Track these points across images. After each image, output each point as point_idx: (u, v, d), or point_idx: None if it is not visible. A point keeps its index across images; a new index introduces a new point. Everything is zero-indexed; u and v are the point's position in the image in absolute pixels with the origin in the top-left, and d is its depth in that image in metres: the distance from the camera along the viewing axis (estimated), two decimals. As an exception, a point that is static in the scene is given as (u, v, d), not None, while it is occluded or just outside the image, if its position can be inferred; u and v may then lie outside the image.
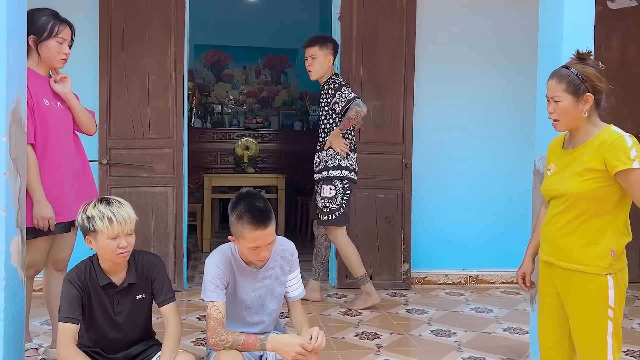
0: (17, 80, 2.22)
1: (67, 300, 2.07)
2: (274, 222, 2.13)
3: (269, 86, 8.18)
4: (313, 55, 3.59)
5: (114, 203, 2.07)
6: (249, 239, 2.08)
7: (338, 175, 3.57)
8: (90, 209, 2.06)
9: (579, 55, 2.12)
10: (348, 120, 3.47)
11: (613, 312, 2.05)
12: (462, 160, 4.25)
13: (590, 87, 2.04)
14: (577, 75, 2.06)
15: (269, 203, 2.16)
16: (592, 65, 2.07)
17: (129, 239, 2.07)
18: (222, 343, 2.08)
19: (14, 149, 2.19)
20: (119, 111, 3.79)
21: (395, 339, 2.99)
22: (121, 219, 2.03)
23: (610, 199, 2.02)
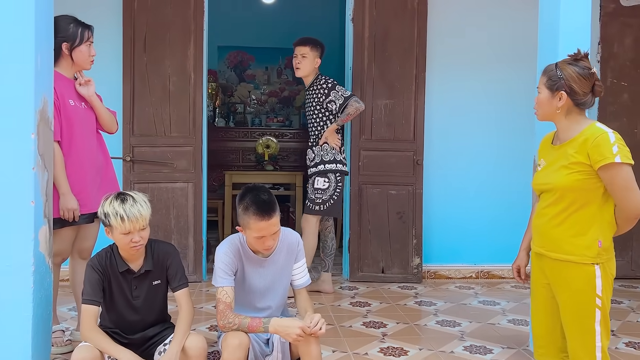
0: (44, 83, 2.42)
1: (89, 284, 2.26)
2: (278, 214, 2.27)
3: (290, 86, 8.34)
4: (303, 54, 3.82)
5: (128, 200, 2.21)
6: (255, 229, 2.24)
7: (333, 169, 3.79)
8: (106, 206, 2.22)
9: (574, 55, 2.22)
10: (347, 116, 3.71)
11: (601, 301, 2.14)
12: (473, 157, 4.34)
13: (567, 86, 2.13)
14: (557, 73, 2.16)
15: (274, 196, 2.31)
16: (579, 67, 2.16)
17: (142, 234, 2.22)
18: (230, 325, 2.24)
19: (42, 145, 2.39)
20: (142, 111, 3.99)
21: (401, 328, 3.11)
22: (132, 217, 2.17)
23: (595, 191, 2.12)
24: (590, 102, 2.20)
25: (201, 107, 4.07)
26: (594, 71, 2.17)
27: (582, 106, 2.19)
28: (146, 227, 2.26)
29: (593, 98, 2.21)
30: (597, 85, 2.18)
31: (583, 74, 2.15)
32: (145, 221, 2.24)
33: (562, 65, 2.20)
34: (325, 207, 3.79)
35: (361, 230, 4.21)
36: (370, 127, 4.21)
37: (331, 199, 3.79)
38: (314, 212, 3.83)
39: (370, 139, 4.22)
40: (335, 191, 3.79)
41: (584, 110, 2.22)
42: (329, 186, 3.79)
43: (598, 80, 2.18)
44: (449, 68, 4.33)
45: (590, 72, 2.16)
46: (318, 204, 3.79)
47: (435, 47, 4.27)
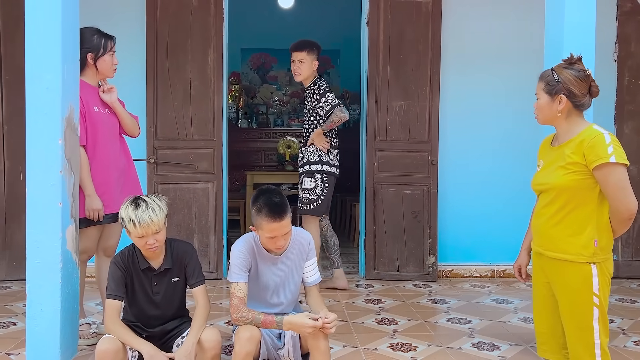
0: (71, 91, 2.59)
1: (113, 280, 2.40)
2: (290, 215, 2.39)
3: (311, 87, 8.46)
4: (301, 60, 3.88)
5: (141, 206, 2.30)
6: (267, 230, 2.36)
7: (319, 170, 3.89)
8: (122, 210, 2.34)
9: (568, 59, 2.29)
10: (331, 123, 3.80)
11: (598, 299, 2.20)
12: (488, 157, 4.38)
13: (565, 89, 2.20)
14: (555, 78, 2.23)
15: (286, 198, 2.42)
16: (575, 70, 2.22)
17: (156, 237, 2.33)
18: (243, 319, 2.36)
19: (69, 150, 2.56)
20: (164, 114, 4.16)
21: (412, 325, 3.20)
22: (144, 223, 2.27)
23: (591, 191, 2.18)
24: (588, 103, 2.27)
25: (221, 110, 4.22)
26: (589, 73, 2.23)
27: (581, 108, 2.25)
28: (161, 230, 2.34)
29: (590, 99, 2.27)
30: (593, 86, 2.24)
31: (580, 77, 2.22)
32: (158, 225, 2.32)
33: (557, 69, 2.27)
34: (312, 207, 3.88)
35: (377, 229, 4.30)
36: (386, 128, 4.30)
37: (319, 199, 3.88)
38: (302, 212, 3.93)
39: (385, 139, 4.30)
40: (322, 191, 3.89)
41: (581, 112, 2.28)
42: (315, 186, 3.88)
43: (593, 81, 2.25)
44: (464, 69, 4.38)
45: (585, 74, 2.23)
46: (306, 203, 3.91)
47: (449, 48, 4.33)
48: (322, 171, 3.90)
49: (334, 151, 3.96)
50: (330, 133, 3.94)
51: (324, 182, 3.91)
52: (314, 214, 3.91)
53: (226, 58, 4.29)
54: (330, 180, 3.93)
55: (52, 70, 2.46)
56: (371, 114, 4.29)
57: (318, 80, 3.95)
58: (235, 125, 7.83)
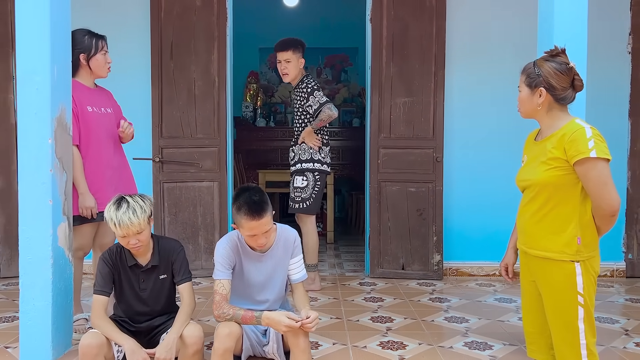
0: (62, 92, 2.65)
1: (100, 276, 2.46)
2: (269, 213, 2.39)
3: (329, 85, 8.46)
4: (287, 59, 3.86)
5: (122, 207, 2.34)
6: (247, 228, 2.38)
7: (310, 168, 3.88)
8: (106, 210, 2.39)
9: (550, 51, 2.24)
10: (320, 121, 3.78)
11: (583, 298, 2.15)
12: (494, 153, 4.30)
13: (545, 82, 2.15)
14: (535, 70, 2.18)
15: (266, 196, 2.43)
16: (556, 62, 2.17)
17: (138, 237, 2.37)
18: (224, 315, 2.38)
19: (60, 149, 2.63)
20: (169, 114, 4.22)
21: (407, 323, 3.17)
22: (124, 224, 2.31)
23: (573, 187, 2.13)
24: (570, 97, 2.21)
25: (225, 108, 4.25)
26: (571, 66, 2.18)
27: (562, 101, 2.20)
28: (143, 230, 2.38)
29: (574, 93, 2.21)
30: (576, 80, 2.19)
31: (560, 69, 2.17)
32: (139, 226, 2.35)
33: (539, 62, 2.23)
34: (305, 205, 3.88)
35: (381, 227, 4.27)
36: (389, 125, 4.26)
37: (310, 197, 3.89)
38: (295, 210, 3.93)
39: (389, 136, 4.27)
40: (314, 190, 3.89)
41: (565, 106, 2.23)
42: (307, 184, 3.88)
43: (577, 74, 2.19)
44: (469, 64, 4.31)
45: (567, 66, 2.17)
46: (298, 202, 3.91)
47: (454, 44, 4.27)
48: (313, 169, 3.90)
49: (326, 148, 3.97)
50: (321, 131, 3.94)
51: (316, 180, 3.91)
52: (307, 212, 3.90)
53: (230, 57, 4.32)
54: (322, 178, 3.93)
55: (41, 71, 2.52)
56: (375, 110, 4.27)
57: (305, 78, 3.94)
58: (252, 124, 7.89)
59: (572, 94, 2.21)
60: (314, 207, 3.90)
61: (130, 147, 4.21)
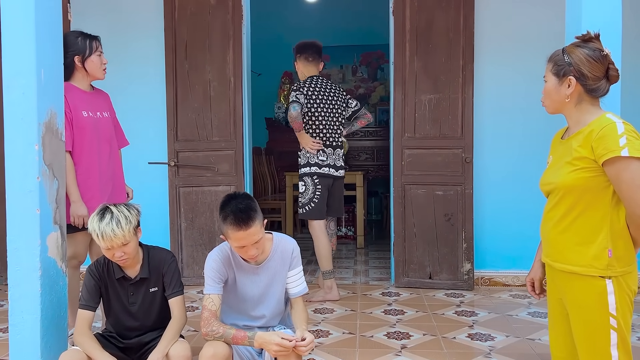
0: (51, 96, 2.53)
1: (86, 290, 2.33)
2: (258, 222, 2.18)
3: (365, 83, 8.22)
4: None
5: (105, 218, 2.19)
6: (234, 239, 2.19)
7: (307, 172, 3.72)
8: (90, 221, 2.25)
9: (582, 36, 1.95)
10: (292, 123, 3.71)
11: (616, 321, 1.84)
12: (529, 153, 3.94)
13: (576, 70, 1.86)
14: (564, 57, 1.90)
15: (255, 204, 2.22)
16: (589, 49, 1.88)
17: (124, 249, 2.21)
18: (213, 333, 2.20)
19: (49, 155, 2.51)
20: (185, 116, 4.10)
21: (424, 341, 2.90)
22: (107, 236, 2.16)
23: (603, 191, 1.83)
24: (604, 89, 1.91)
25: (241, 110, 4.09)
26: (606, 53, 1.87)
27: (594, 93, 1.91)
28: (129, 242, 2.23)
29: (607, 84, 1.90)
30: (611, 69, 1.88)
31: (593, 56, 1.87)
32: (124, 238, 2.19)
33: (569, 48, 1.94)
34: (305, 211, 3.75)
35: (406, 233, 4.01)
36: (414, 124, 3.99)
37: (310, 202, 3.71)
38: (299, 216, 3.84)
39: (414, 136, 3.99)
40: (314, 194, 3.71)
41: (596, 99, 1.93)
42: (306, 189, 3.73)
43: (612, 63, 1.88)
44: (501, 57, 3.98)
45: (602, 54, 1.87)
46: (300, 207, 3.79)
47: (484, 35, 3.95)
48: (311, 173, 3.73)
49: (328, 150, 3.76)
50: (315, 133, 3.76)
51: (315, 184, 3.72)
52: (308, 217, 3.74)
53: (247, 57, 4.16)
54: (322, 181, 3.73)
55: (27, 75, 2.40)
56: (398, 109, 4.00)
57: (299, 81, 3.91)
58: (285, 125, 7.74)
59: (605, 85, 1.91)
60: (315, 211, 3.72)
61: (145, 150, 4.15)
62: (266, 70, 7.89)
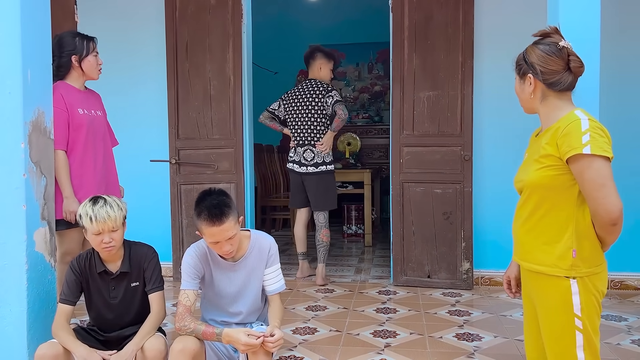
0: (38, 95, 2.60)
1: (67, 284, 2.40)
2: (232, 219, 2.21)
3: (381, 80, 8.17)
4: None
5: (99, 202, 2.31)
6: (208, 235, 2.22)
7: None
8: (81, 207, 2.34)
9: (539, 33, 1.93)
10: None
11: (581, 322, 1.80)
12: (530, 151, 3.86)
13: (532, 67, 1.83)
14: (523, 55, 1.89)
15: (230, 200, 2.25)
16: (544, 44, 1.86)
17: (112, 235, 2.29)
18: (185, 328, 2.24)
19: (36, 153, 2.58)
20: (186, 115, 4.16)
21: (410, 340, 2.88)
22: (100, 218, 2.26)
23: (568, 190, 1.80)
24: (565, 82, 1.87)
25: (241, 108, 4.12)
26: (563, 45, 1.84)
27: (555, 87, 1.88)
28: (118, 229, 2.32)
29: (570, 76, 1.86)
30: (572, 61, 1.84)
31: (548, 51, 1.86)
32: (115, 222, 2.30)
33: (528, 47, 1.95)
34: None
35: (404, 231, 3.98)
36: (412, 121, 3.95)
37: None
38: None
39: (412, 134, 3.96)
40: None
41: (563, 93, 1.89)
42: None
43: (573, 54, 1.85)
44: (501, 54, 3.86)
45: (557, 47, 1.84)
46: None
47: (483, 31, 3.89)
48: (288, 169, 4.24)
49: (295, 148, 4.21)
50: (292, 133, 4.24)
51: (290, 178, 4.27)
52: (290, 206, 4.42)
53: (247, 55, 4.19)
54: (290, 175, 4.27)
55: (12, 74, 2.48)
56: (396, 106, 3.97)
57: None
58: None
59: (568, 78, 1.86)
60: (290, 201, 4.34)
61: (147, 148, 4.22)
62: (282, 68, 7.93)
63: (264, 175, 6.41)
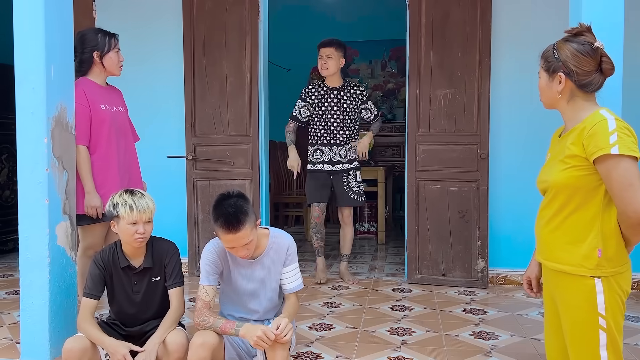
0: (60, 91, 2.65)
1: (90, 278, 2.42)
2: (248, 226, 2.20)
3: (395, 78, 8.15)
4: (329, 55, 4.03)
5: (137, 194, 2.37)
6: (224, 240, 2.24)
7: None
8: (116, 197, 2.38)
9: (572, 30, 1.90)
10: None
11: (605, 321, 1.81)
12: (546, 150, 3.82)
13: (565, 67, 1.82)
14: (554, 53, 1.86)
15: (247, 206, 2.23)
16: (578, 43, 1.84)
17: (146, 227, 2.35)
18: (204, 323, 2.26)
19: (58, 148, 2.62)
20: (202, 112, 4.18)
21: (426, 337, 2.88)
22: (140, 207, 2.32)
23: (594, 190, 1.80)
24: (596, 84, 1.86)
25: (257, 105, 4.14)
26: (597, 46, 1.82)
27: (586, 88, 1.86)
28: (151, 222, 2.38)
29: (601, 78, 1.85)
30: (604, 62, 1.83)
31: (582, 50, 1.83)
32: (151, 214, 2.37)
33: (559, 43, 1.90)
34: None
35: (419, 229, 3.98)
36: (428, 119, 3.95)
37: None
38: None
39: (429, 132, 3.95)
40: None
41: (590, 94, 1.89)
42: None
43: (605, 56, 1.83)
44: (518, 52, 3.88)
45: (592, 47, 1.82)
46: None
47: (501, 29, 3.87)
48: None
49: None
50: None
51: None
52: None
53: (263, 52, 4.20)
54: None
55: (36, 70, 2.53)
56: (412, 104, 3.97)
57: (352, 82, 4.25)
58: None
59: (599, 79, 1.85)
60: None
61: (164, 144, 4.26)
62: (295, 65, 7.93)
63: (276, 172, 6.43)
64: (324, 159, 4.04)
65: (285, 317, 2.23)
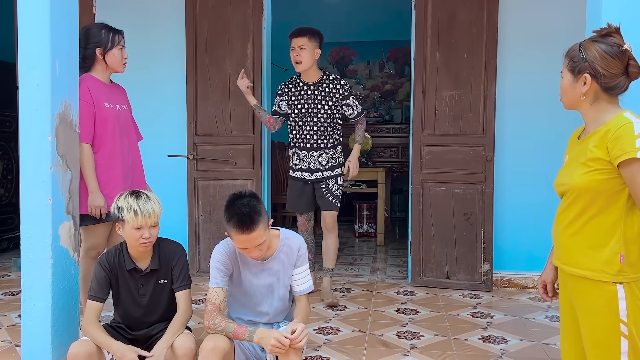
0: (65, 88, 2.57)
1: (96, 281, 2.36)
2: (262, 226, 2.16)
3: (392, 79, 8.14)
4: (301, 46, 3.54)
5: (142, 197, 2.28)
6: (236, 241, 2.18)
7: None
8: (121, 200, 2.30)
9: (601, 30, 1.86)
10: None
11: (627, 328, 1.77)
12: (552, 152, 3.80)
13: (591, 67, 1.77)
14: (580, 53, 1.81)
15: (260, 206, 2.19)
16: (606, 44, 1.79)
17: (152, 231, 2.28)
18: (215, 327, 2.20)
19: (62, 146, 2.55)
20: (204, 110, 4.12)
21: (435, 341, 2.84)
22: (145, 212, 2.24)
23: (617, 194, 1.76)
24: (622, 86, 1.82)
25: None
26: (625, 48, 1.78)
27: (611, 91, 1.82)
28: (156, 225, 2.31)
29: (627, 81, 1.82)
30: (631, 66, 1.79)
31: (610, 52, 1.79)
32: (157, 218, 2.29)
33: (586, 43, 1.85)
34: None
35: (423, 232, 3.94)
36: (434, 120, 3.91)
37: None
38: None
39: (434, 133, 3.92)
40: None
41: (615, 96, 1.85)
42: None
43: (633, 59, 1.79)
44: (525, 53, 3.86)
45: (620, 49, 1.78)
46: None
47: (508, 30, 3.84)
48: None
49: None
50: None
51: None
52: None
53: (266, 51, 4.15)
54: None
55: (41, 66, 2.45)
56: (418, 105, 3.93)
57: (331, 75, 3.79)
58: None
59: (624, 82, 1.82)
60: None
61: (165, 144, 4.19)
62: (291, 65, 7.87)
63: (275, 172, 6.37)
64: (302, 166, 3.62)
65: (300, 321, 2.18)
